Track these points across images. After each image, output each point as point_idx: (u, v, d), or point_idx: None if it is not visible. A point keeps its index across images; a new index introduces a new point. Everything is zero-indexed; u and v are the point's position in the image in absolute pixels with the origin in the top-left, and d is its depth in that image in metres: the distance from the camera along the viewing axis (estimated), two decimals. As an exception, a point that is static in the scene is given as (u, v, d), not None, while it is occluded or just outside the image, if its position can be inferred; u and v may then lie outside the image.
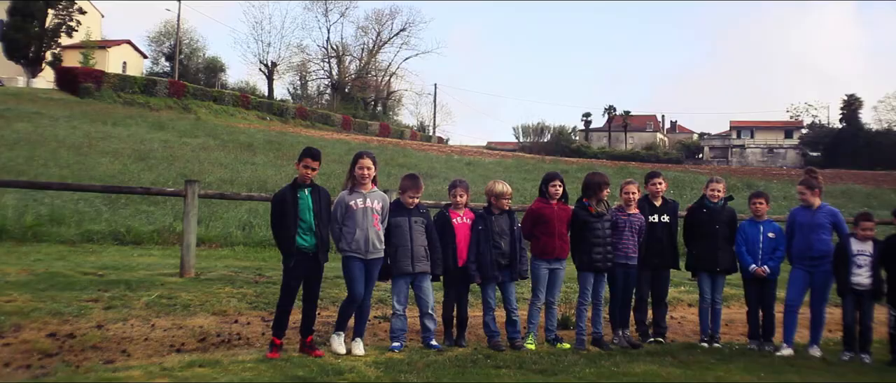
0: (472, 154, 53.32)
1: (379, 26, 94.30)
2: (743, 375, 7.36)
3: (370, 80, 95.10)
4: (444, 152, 51.00)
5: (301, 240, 7.39)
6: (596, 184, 8.69)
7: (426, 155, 44.27)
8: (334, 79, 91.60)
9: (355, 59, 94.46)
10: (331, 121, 75.18)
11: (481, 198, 8.73)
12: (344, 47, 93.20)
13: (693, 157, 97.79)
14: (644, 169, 45.77)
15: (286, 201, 7.44)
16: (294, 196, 7.44)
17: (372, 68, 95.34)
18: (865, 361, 8.30)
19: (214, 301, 9.36)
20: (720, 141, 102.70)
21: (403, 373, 6.79)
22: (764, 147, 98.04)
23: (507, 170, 36.51)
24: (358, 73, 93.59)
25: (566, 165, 41.85)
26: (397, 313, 7.99)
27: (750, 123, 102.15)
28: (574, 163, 49.63)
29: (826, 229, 8.75)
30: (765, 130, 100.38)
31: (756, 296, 9.06)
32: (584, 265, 8.62)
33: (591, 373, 7.14)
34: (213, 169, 26.11)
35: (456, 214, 8.43)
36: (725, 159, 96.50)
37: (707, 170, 53.58)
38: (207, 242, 15.07)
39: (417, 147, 54.87)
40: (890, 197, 32.21)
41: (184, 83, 64.41)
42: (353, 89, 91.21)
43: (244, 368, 6.75)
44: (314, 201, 7.47)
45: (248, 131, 44.41)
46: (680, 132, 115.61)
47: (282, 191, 7.62)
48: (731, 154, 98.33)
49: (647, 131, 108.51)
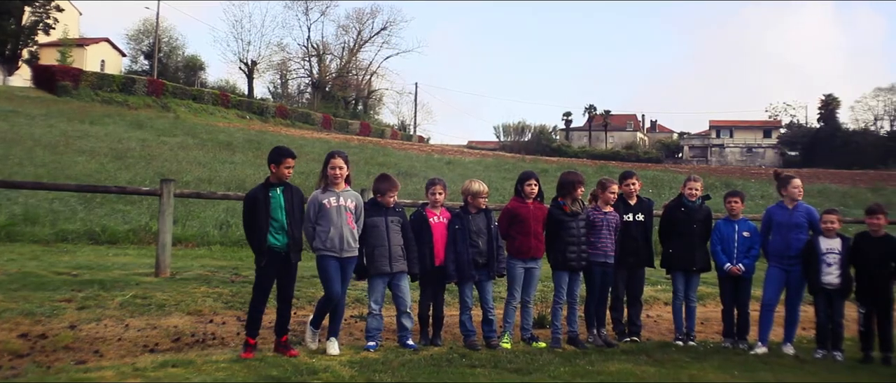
0: (453, 153, 53.36)
1: (360, 25, 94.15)
2: (717, 373, 7.40)
3: (351, 78, 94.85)
4: (424, 151, 51.01)
5: (272, 239, 7.36)
6: (570, 183, 8.71)
7: (406, 154, 44.27)
8: (315, 77, 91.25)
9: (336, 57, 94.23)
10: (311, 120, 74.95)
11: (460, 197, 8.70)
12: (324, 46, 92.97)
13: (673, 157, 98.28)
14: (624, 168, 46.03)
15: (258, 200, 7.41)
16: (266, 194, 7.41)
17: (353, 67, 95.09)
18: (837, 359, 8.38)
19: (189, 300, 9.30)
20: (700, 140, 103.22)
21: (378, 373, 6.77)
22: (743, 146, 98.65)
23: (487, 169, 36.57)
24: (338, 71, 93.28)
25: (546, 164, 41.99)
26: (374, 313, 7.97)
27: (729, 123, 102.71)
28: (554, 162, 49.81)
29: (803, 228, 8.82)
30: (744, 130, 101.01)
31: (731, 295, 9.11)
32: (558, 264, 8.64)
33: (566, 372, 7.14)
34: (192, 168, 25.97)
35: (433, 213, 8.43)
36: (705, 158, 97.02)
37: (687, 170, 53.95)
38: (184, 242, 14.98)
39: (398, 146, 54.85)
40: (866, 196, 32.51)
41: (163, 81, 64.00)
42: (333, 88, 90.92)
43: (218, 368, 6.71)
44: (286, 200, 7.44)
45: (228, 130, 44.22)
46: (660, 131, 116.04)
47: (254, 190, 7.60)
48: (710, 153, 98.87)
49: (628, 131, 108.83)
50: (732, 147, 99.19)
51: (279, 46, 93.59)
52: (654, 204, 9.74)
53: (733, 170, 61.41)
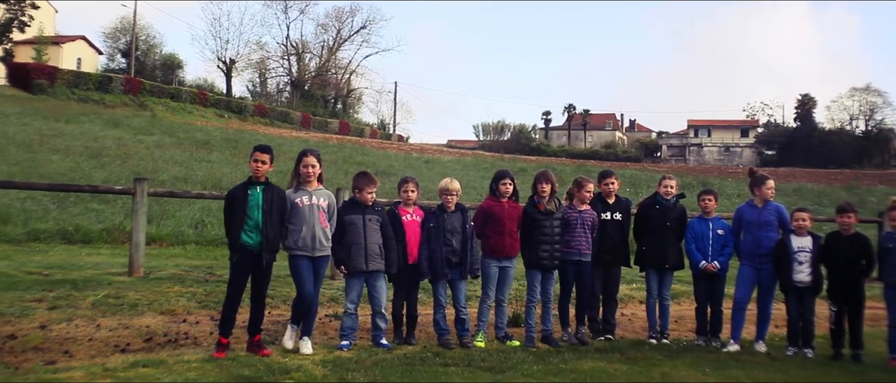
0: (432, 152, 53.36)
1: (339, 24, 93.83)
2: (689, 371, 7.44)
3: (330, 77, 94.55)
4: (403, 150, 50.97)
5: (246, 237, 7.31)
6: (535, 179, 8.75)
7: (385, 153, 44.22)
8: (294, 76, 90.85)
9: (315, 56, 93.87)
10: (290, 118, 74.71)
11: (436, 196, 8.70)
12: (304, 44, 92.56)
13: (651, 156, 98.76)
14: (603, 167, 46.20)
15: (236, 197, 7.38)
16: (245, 192, 7.37)
17: (332, 66, 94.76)
18: (808, 356, 8.45)
19: (163, 300, 9.24)
20: (678, 140, 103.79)
21: (351, 372, 6.75)
22: (721, 146, 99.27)
23: (465, 168, 36.60)
24: (318, 70, 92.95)
25: (524, 163, 42.10)
26: (349, 312, 7.95)
27: (707, 122, 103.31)
28: (533, 161, 49.90)
29: (773, 226, 8.89)
30: (722, 129, 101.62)
31: (705, 293, 9.17)
32: (530, 262, 8.66)
33: (539, 371, 7.15)
34: (168, 166, 25.81)
35: (405, 211, 8.41)
36: (683, 158, 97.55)
37: (665, 169, 54.24)
38: (159, 241, 14.88)
39: (377, 145, 54.77)
40: (840, 195, 32.82)
41: (140, 80, 63.61)
42: (312, 87, 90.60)
43: (189, 368, 6.67)
44: (265, 199, 7.39)
45: (206, 129, 43.99)
46: (639, 131, 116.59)
47: (235, 187, 7.57)
48: (688, 152, 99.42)
49: (607, 130, 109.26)
50: (710, 146, 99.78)
51: (258, 45, 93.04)
52: (632, 203, 9.77)
53: (711, 169, 61.83)
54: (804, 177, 48.82)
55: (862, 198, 32.24)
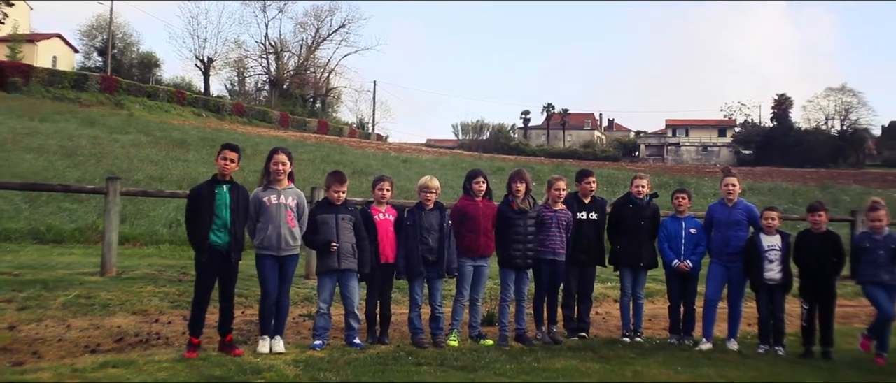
0: (411, 151, 53.32)
1: (318, 22, 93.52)
2: (661, 369, 7.46)
3: (309, 76, 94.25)
4: (381, 149, 50.89)
5: (214, 236, 7.27)
6: (509, 178, 8.76)
7: (363, 152, 44.13)
8: (272, 75, 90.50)
9: (294, 55, 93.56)
10: (268, 117, 74.43)
11: (412, 195, 8.68)
12: (282, 43, 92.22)
13: (630, 155, 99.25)
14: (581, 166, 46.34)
15: (202, 195, 7.31)
16: (211, 191, 7.31)
17: (311, 65, 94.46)
18: (779, 353, 8.50)
19: (135, 300, 9.19)
20: (656, 139, 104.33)
21: (323, 372, 6.72)
22: (698, 145, 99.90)
23: (443, 167, 36.58)
24: (296, 69, 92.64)
25: (503, 162, 42.15)
26: (322, 311, 7.92)
27: (685, 122, 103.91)
28: (511, 160, 49.95)
29: (743, 225, 8.94)
30: (699, 129, 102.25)
31: (678, 291, 9.21)
32: (504, 261, 8.67)
33: (512, 369, 7.16)
34: (143, 165, 25.60)
35: (378, 210, 8.38)
36: (661, 157, 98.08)
37: (643, 168, 54.47)
38: (132, 240, 14.78)
39: (356, 144, 54.65)
40: (814, 194, 33.07)
41: (116, 78, 63.15)
42: (291, 86, 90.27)
43: (159, 368, 6.62)
44: (232, 198, 7.35)
45: (183, 128, 43.73)
46: (617, 130, 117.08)
47: (199, 186, 7.50)
48: (666, 152, 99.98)
49: (585, 129, 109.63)
50: (688, 145, 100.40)
51: (236, 43, 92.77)
52: (607, 202, 9.80)
53: (688, 168, 62.19)
54: (780, 177, 49.20)
55: (836, 198, 32.53)
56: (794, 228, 11.67)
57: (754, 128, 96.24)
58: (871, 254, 8.39)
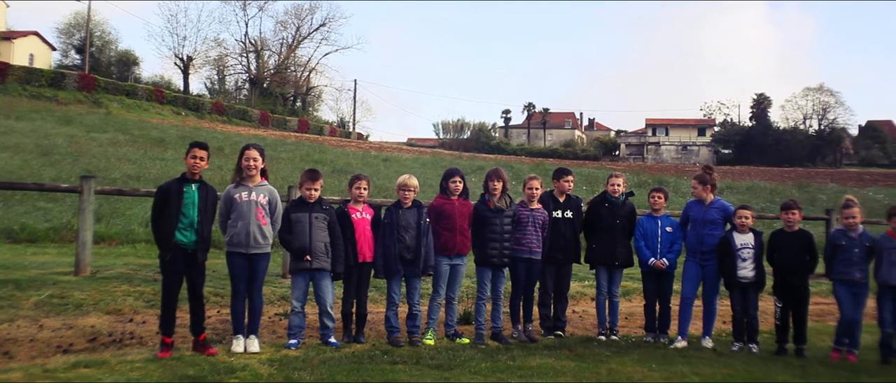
0: (391, 150, 53.25)
1: (298, 21, 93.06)
2: (635, 367, 7.47)
3: (289, 75, 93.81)
4: (362, 148, 50.77)
5: (180, 235, 7.21)
6: (486, 177, 8.77)
7: (343, 151, 44.02)
8: (252, 73, 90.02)
9: (274, 53, 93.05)
10: (248, 116, 74.10)
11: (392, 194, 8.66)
12: (262, 42, 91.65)
13: (610, 154, 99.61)
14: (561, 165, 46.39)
15: (170, 194, 7.24)
16: (180, 190, 7.25)
17: (291, 63, 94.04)
18: (753, 351, 8.57)
19: (109, 299, 9.12)
20: (636, 138, 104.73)
21: (297, 371, 6.68)
22: (678, 144, 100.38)
23: (423, 166, 36.54)
24: (277, 68, 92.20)
25: (483, 162, 42.14)
26: (296, 310, 7.89)
27: (665, 121, 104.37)
28: (492, 159, 50.01)
29: (718, 224, 8.99)
30: (679, 128, 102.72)
31: (654, 289, 9.25)
32: (480, 260, 8.67)
33: (487, 368, 7.15)
34: (120, 164, 25.42)
35: (355, 209, 8.36)
36: (641, 156, 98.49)
37: (623, 167, 54.66)
38: (108, 239, 14.66)
39: (336, 143, 54.49)
40: (791, 192, 33.30)
41: (94, 77, 62.59)
42: (271, 84, 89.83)
43: (132, 368, 6.56)
44: (201, 197, 7.30)
45: (161, 126, 43.47)
46: (597, 129, 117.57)
47: (167, 184, 7.41)
48: (646, 151, 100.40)
49: (566, 128, 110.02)
50: (668, 145, 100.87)
51: (216, 42, 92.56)
52: (582, 201, 9.82)
53: (668, 167, 62.41)
54: (759, 176, 49.50)
55: (813, 196, 32.80)
56: (771, 227, 11.73)
57: (733, 127, 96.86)
58: (846, 251, 8.48)
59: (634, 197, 9.70)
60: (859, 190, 37.25)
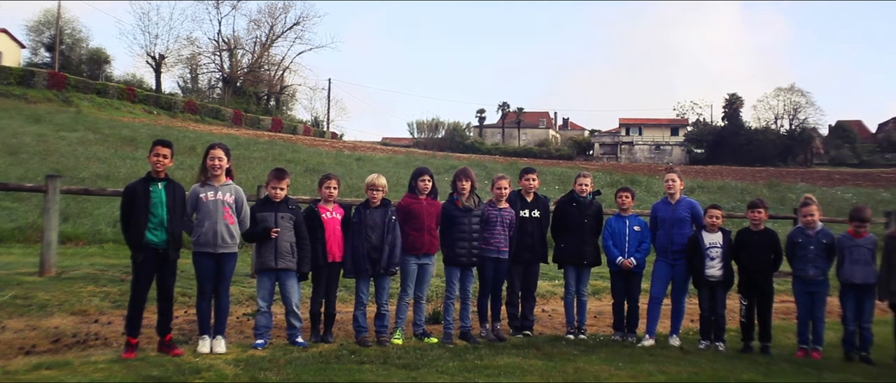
0: (365, 150, 53.09)
1: (272, 20, 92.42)
2: (602, 365, 7.50)
3: (263, 74, 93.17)
4: (335, 148, 50.57)
5: (151, 235, 7.15)
6: (454, 177, 8.77)
7: (317, 150, 43.81)
8: (226, 72, 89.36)
9: (248, 52, 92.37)
10: (221, 115, 73.58)
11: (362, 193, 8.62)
12: (236, 40, 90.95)
13: (584, 154, 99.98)
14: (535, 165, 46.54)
15: (137, 194, 7.18)
16: (146, 189, 7.19)
17: (265, 62, 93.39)
18: (720, 349, 8.64)
19: (74, 300, 9.03)
20: (610, 138, 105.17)
21: (263, 371, 6.65)
22: (651, 144, 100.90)
23: (397, 165, 36.44)
24: (250, 66, 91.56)
25: (457, 161, 42.11)
26: (262, 310, 7.85)
27: (638, 121, 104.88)
28: (466, 158, 50.01)
29: (686, 223, 9.05)
30: (652, 128, 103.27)
31: (622, 289, 9.30)
32: (448, 259, 8.68)
33: (455, 367, 7.15)
34: (90, 163, 25.11)
35: (325, 209, 8.33)
36: (615, 155, 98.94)
37: (596, 167, 54.86)
38: (75, 239, 14.50)
39: (309, 143, 54.23)
40: (761, 192, 33.62)
41: (65, 75, 61.79)
42: (245, 83, 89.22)
43: (96, 369, 6.49)
44: (168, 196, 7.24)
45: (132, 125, 43.03)
46: (572, 129, 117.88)
47: (133, 184, 7.35)
48: (620, 150, 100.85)
49: (540, 128, 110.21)
50: (641, 144, 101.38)
51: (189, 40, 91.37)
52: (550, 200, 9.85)
53: (640, 166, 62.78)
54: (730, 175, 49.92)
55: (783, 196, 33.10)
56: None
57: (706, 127, 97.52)
58: (803, 249, 8.61)
59: (601, 196, 9.74)
60: (828, 189, 37.71)
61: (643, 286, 9.45)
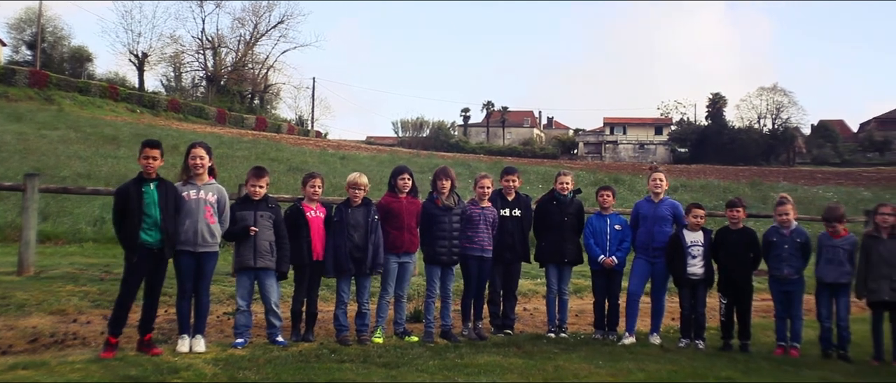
0: (350, 148, 53.05)
1: (256, 18, 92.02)
2: (582, 364, 7.52)
3: (247, 72, 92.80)
4: (319, 146, 50.50)
5: (145, 235, 7.11)
6: (434, 176, 8.76)
7: (300, 149, 43.73)
8: (209, 71, 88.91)
9: (231, 51, 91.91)
10: (205, 114, 73.28)
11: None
12: (220, 39, 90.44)
13: (568, 153, 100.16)
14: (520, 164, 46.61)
15: (130, 196, 7.14)
16: (138, 190, 7.15)
17: (249, 61, 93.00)
18: (699, 347, 8.68)
19: (53, 300, 8.97)
20: (594, 137, 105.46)
21: (243, 371, 6.61)
22: (635, 143, 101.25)
23: (381, 164, 36.42)
24: (234, 65, 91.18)
25: (441, 160, 42.16)
26: (241, 309, 7.82)
27: (623, 120, 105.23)
28: (450, 157, 50.05)
29: (668, 221, 9.09)
30: (636, 127, 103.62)
31: (603, 287, 9.33)
32: (429, 258, 8.68)
33: (434, 365, 7.15)
34: (71, 162, 24.95)
35: (309, 208, 8.31)
36: (599, 155, 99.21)
37: (581, 166, 55.02)
38: (55, 239, 14.39)
39: (293, 141, 54.10)
40: (744, 191, 33.85)
41: (46, 73, 61.34)
42: (229, 82, 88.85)
43: (72, 369, 6.44)
44: (161, 195, 7.20)
45: (115, 124, 42.81)
46: (556, 128, 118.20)
47: (125, 185, 7.30)
48: (604, 149, 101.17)
49: (525, 127, 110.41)
50: (625, 143, 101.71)
51: (172, 38, 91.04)
52: (531, 199, 9.86)
53: (625, 165, 63.06)
54: (714, 174, 50.18)
55: (765, 195, 33.27)
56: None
57: (690, 126, 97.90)
58: (777, 248, 8.67)
59: (582, 194, 9.76)
60: (810, 188, 37.99)
61: (623, 284, 9.47)
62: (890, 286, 8.26)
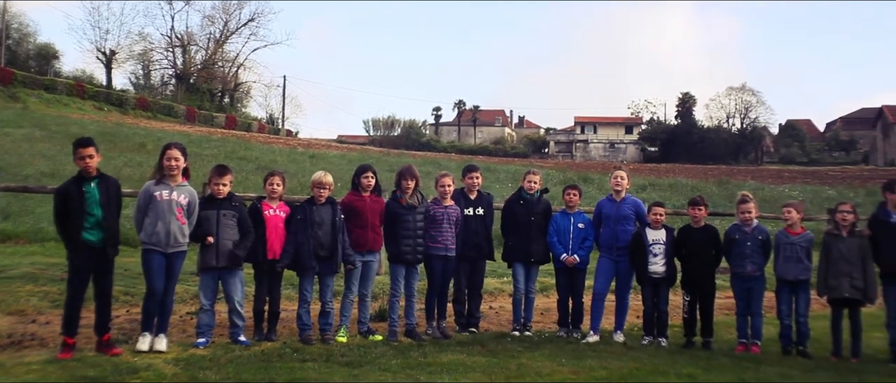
0: (320, 147, 52.79)
1: (226, 16, 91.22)
2: (545, 362, 7.54)
3: (217, 70, 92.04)
4: (289, 145, 50.19)
5: (87, 234, 7.03)
6: (398, 175, 8.75)
7: (270, 148, 43.44)
8: (179, 69, 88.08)
9: (201, 49, 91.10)
10: (174, 112, 72.68)
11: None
12: (189, 36, 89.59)
13: (539, 152, 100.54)
14: (491, 162, 46.66)
15: (71, 195, 7.05)
16: (79, 189, 7.06)
17: (219, 59, 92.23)
18: (662, 344, 8.74)
19: (11, 300, 8.87)
20: (565, 136, 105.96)
21: (203, 370, 6.57)
22: (606, 142, 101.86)
23: (350, 163, 36.17)
24: (204, 63, 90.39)
25: (411, 158, 42.08)
26: (205, 308, 7.77)
27: (593, 119, 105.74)
28: (420, 156, 49.99)
29: (630, 220, 9.15)
30: (607, 126, 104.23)
31: (566, 285, 9.35)
32: (393, 257, 8.66)
33: (398, 364, 7.14)
34: (34, 161, 24.53)
35: (268, 206, 8.25)
36: (570, 153, 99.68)
37: (551, 165, 55.18)
38: (15, 238, 14.17)
39: (263, 140, 53.74)
40: (711, 190, 34.11)
41: (11, 70, 60.54)
42: (198, 80, 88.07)
43: (29, 370, 6.38)
44: (102, 193, 7.12)
45: (82, 122, 42.27)
46: (527, 127, 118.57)
47: (65, 185, 7.21)
48: (575, 148, 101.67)
49: (496, 126, 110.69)
50: (596, 142, 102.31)
51: (140, 36, 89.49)
52: (493, 198, 9.86)
53: (595, 164, 63.28)
54: (682, 173, 50.49)
55: (732, 193, 33.48)
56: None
57: (660, 125, 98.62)
58: (739, 245, 8.75)
59: (549, 193, 9.78)
60: (777, 186, 38.32)
61: (587, 283, 9.51)
62: (849, 283, 8.36)
